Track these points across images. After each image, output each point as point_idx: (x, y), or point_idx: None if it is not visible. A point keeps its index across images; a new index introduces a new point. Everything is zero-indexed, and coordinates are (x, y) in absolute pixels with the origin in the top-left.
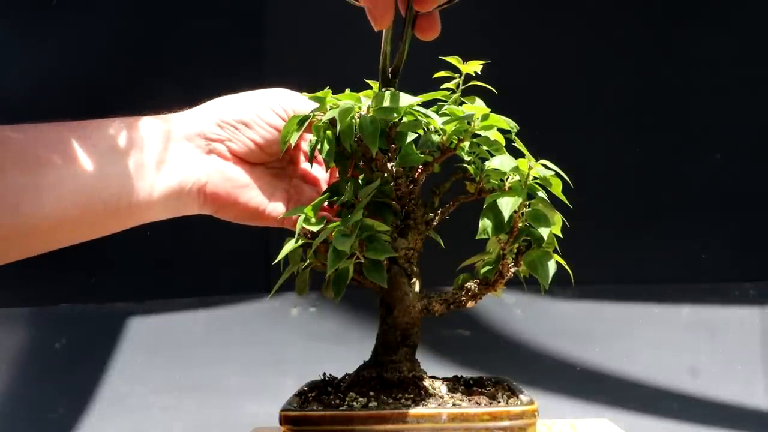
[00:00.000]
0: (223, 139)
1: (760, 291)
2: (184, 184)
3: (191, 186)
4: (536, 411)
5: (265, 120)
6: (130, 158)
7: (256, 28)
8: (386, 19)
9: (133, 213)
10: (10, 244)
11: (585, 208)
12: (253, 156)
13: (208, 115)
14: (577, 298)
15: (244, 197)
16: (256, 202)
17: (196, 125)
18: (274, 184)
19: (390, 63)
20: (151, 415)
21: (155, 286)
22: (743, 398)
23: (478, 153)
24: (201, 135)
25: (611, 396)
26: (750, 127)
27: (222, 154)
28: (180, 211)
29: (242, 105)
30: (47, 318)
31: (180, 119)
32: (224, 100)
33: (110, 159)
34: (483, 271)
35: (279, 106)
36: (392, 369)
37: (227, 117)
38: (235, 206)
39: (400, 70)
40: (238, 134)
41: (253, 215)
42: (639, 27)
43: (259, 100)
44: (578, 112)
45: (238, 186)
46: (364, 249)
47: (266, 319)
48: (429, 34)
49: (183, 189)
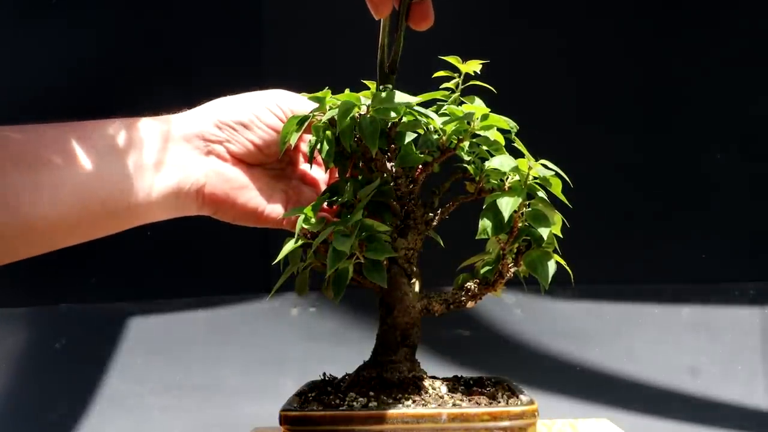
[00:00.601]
0: (222, 140)
1: (760, 291)
2: (183, 185)
3: (190, 187)
4: (536, 411)
5: (263, 121)
6: (129, 159)
7: (255, 28)
8: (386, 7)
9: (132, 214)
10: (10, 244)
11: (585, 208)
12: (251, 157)
13: (206, 117)
14: (577, 298)
15: (242, 198)
16: (255, 204)
17: (194, 126)
18: (272, 185)
19: (387, 56)
20: (150, 415)
21: (155, 286)
22: (743, 398)
23: (478, 153)
24: (199, 136)
25: (611, 396)
26: (750, 127)
27: (220, 155)
28: (179, 211)
29: (240, 106)
30: (47, 318)
31: (179, 120)
32: (223, 101)
33: (109, 159)
34: (483, 271)
35: (277, 106)
36: (392, 369)
37: (225, 118)
38: (234, 207)
39: (398, 62)
40: (237, 135)
41: (252, 216)
42: (640, 26)
43: (258, 102)
44: (578, 112)
45: (236, 187)
46: (364, 249)
47: (266, 319)
48: (423, 23)
49: (181, 190)
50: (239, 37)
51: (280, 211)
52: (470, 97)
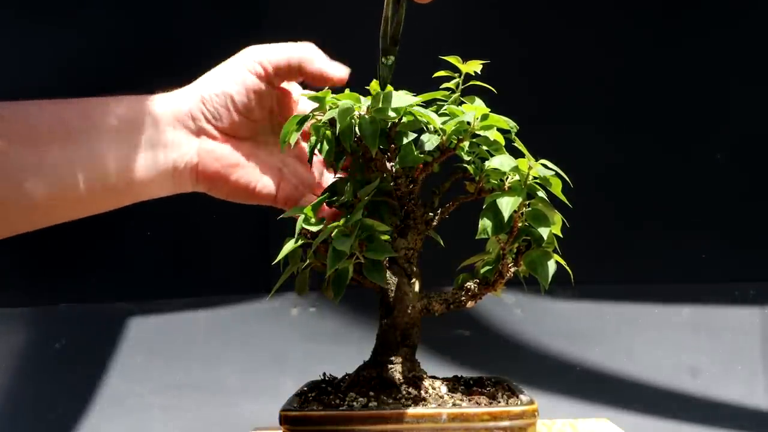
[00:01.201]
0: (208, 117)
1: (760, 291)
2: (178, 164)
3: (184, 166)
4: (536, 411)
5: (240, 82)
6: (128, 138)
7: (255, 25)
8: None
9: (130, 191)
10: (11, 219)
11: (585, 208)
12: (240, 129)
13: (193, 94)
14: (577, 298)
15: (234, 175)
16: (247, 180)
17: (184, 104)
18: (266, 162)
19: (390, 28)
20: (150, 415)
21: (155, 286)
22: (743, 398)
23: (478, 153)
24: (188, 115)
25: (611, 396)
26: (750, 127)
27: (210, 134)
28: (176, 189)
29: (218, 75)
30: (47, 318)
31: (173, 99)
32: (205, 75)
33: (108, 138)
34: (483, 271)
35: (252, 62)
36: (392, 369)
37: (208, 91)
38: (227, 184)
39: (399, 35)
40: (219, 107)
41: (244, 193)
42: (640, 26)
43: (233, 64)
44: (578, 112)
45: (227, 164)
46: (364, 249)
47: (266, 319)
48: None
49: (177, 169)
50: (239, 36)
51: (272, 187)
52: (470, 97)
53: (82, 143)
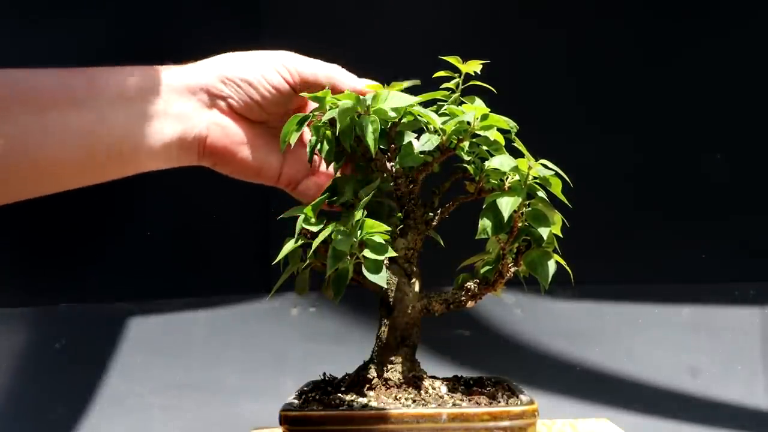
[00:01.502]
0: (225, 96)
1: (760, 291)
2: (186, 135)
3: (192, 138)
4: (536, 411)
5: (268, 80)
6: (135, 106)
7: (255, 22)
8: None
9: (134, 160)
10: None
11: (585, 208)
12: (253, 114)
13: (212, 71)
14: (577, 298)
15: (241, 153)
16: (253, 159)
17: (199, 79)
18: (273, 144)
19: None
20: (151, 415)
21: (155, 286)
22: (743, 398)
23: (478, 153)
24: (204, 89)
25: (611, 396)
26: (750, 127)
27: (223, 110)
28: (180, 161)
29: (247, 64)
30: (47, 318)
31: (185, 72)
32: (229, 56)
33: (115, 105)
34: (483, 271)
35: (283, 66)
36: (392, 369)
37: (231, 74)
38: (233, 161)
39: None
40: (240, 92)
41: (249, 171)
42: (640, 26)
43: (265, 60)
44: (578, 112)
45: (236, 141)
46: (363, 249)
47: (266, 319)
48: None
49: (184, 140)
50: (239, 36)
51: (277, 168)
52: (470, 97)
53: (88, 109)
